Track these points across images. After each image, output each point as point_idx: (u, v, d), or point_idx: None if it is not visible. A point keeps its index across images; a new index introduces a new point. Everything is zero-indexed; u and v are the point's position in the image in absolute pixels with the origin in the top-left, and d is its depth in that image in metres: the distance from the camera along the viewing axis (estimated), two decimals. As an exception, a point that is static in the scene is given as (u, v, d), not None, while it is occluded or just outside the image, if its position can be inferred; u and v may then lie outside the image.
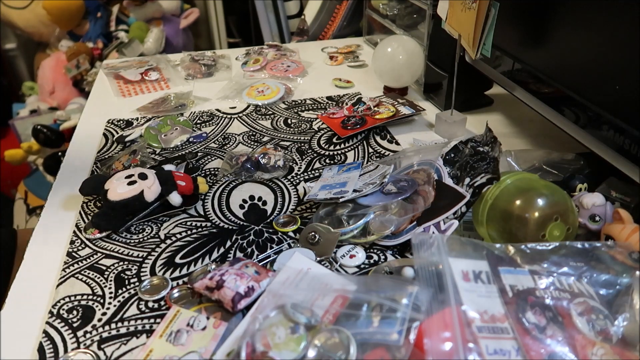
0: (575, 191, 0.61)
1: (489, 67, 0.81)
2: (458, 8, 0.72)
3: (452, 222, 0.57)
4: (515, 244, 0.49)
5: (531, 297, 0.44)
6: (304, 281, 0.50)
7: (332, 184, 0.66)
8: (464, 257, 0.47)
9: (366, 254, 0.59)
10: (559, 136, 0.69)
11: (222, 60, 1.18)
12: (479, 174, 0.59)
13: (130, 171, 0.65)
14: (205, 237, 0.63)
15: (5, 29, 2.04)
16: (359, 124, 0.85)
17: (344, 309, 0.46)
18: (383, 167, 0.67)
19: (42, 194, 1.67)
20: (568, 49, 0.64)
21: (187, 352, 0.45)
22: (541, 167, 0.69)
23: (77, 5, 1.87)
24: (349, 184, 0.65)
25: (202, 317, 0.48)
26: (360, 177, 0.67)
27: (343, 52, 1.22)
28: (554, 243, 0.49)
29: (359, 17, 1.39)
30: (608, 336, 0.42)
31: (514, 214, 0.54)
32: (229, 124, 0.90)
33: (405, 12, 1.09)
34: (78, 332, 0.50)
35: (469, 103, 0.93)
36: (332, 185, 0.66)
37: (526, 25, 0.71)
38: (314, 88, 1.04)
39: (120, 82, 1.09)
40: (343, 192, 0.63)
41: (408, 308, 0.44)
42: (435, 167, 0.64)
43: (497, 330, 0.41)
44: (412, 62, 0.92)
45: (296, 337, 0.43)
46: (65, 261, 0.59)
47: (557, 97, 0.67)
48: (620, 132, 0.57)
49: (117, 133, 0.88)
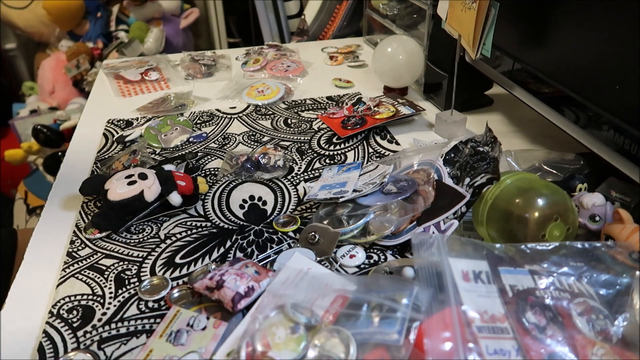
0: (575, 191, 0.61)
1: (489, 67, 0.81)
2: (458, 8, 0.72)
3: (452, 222, 0.57)
4: (515, 244, 0.49)
5: (531, 297, 0.44)
6: (304, 281, 0.50)
7: (332, 184, 0.66)
8: (464, 257, 0.47)
9: (366, 254, 0.59)
10: (559, 136, 0.69)
11: (222, 60, 1.18)
12: (479, 174, 0.59)
13: (130, 171, 0.65)
14: (205, 237, 0.63)
15: (5, 29, 2.04)
16: (359, 124, 0.85)
17: (344, 309, 0.46)
18: (383, 167, 0.67)
19: (42, 194, 1.67)
20: (568, 49, 0.64)
21: (187, 352, 0.45)
22: (541, 167, 0.69)
23: (77, 5, 1.87)
24: (349, 184, 0.65)
25: (202, 317, 0.48)
26: (360, 177, 0.67)
27: (343, 52, 1.22)
28: (554, 243, 0.49)
29: (359, 17, 1.39)
30: (608, 336, 0.42)
31: (514, 214, 0.54)
32: (229, 124, 0.90)
33: (405, 12, 1.09)
34: (78, 332, 0.50)
35: (469, 103, 0.93)
36: (332, 185, 0.66)
37: (526, 25, 0.71)
38: (314, 88, 1.04)
39: (120, 82, 1.09)
40: (343, 192, 0.63)
41: (408, 308, 0.44)
42: (435, 167, 0.64)
43: (497, 330, 0.41)
44: (412, 62, 0.92)
45: (296, 337, 0.43)
46: (65, 261, 0.59)
47: (557, 97, 0.67)
48: (620, 132, 0.57)
49: (117, 133, 0.88)
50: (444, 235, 0.49)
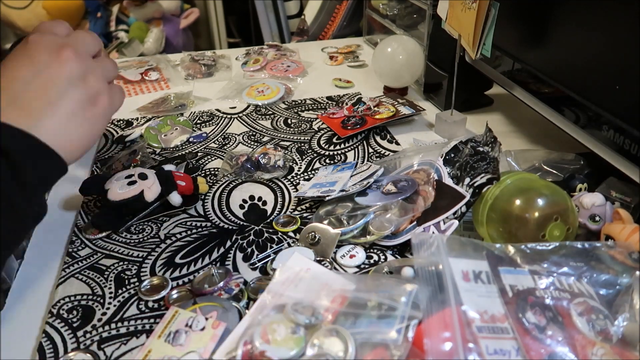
0: (575, 191, 0.61)
1: (489, 67, 0.81)
2: (458, 8, 0.72)
3: (452, 222, 0.57)
4: (516, 244, 0.49)
5: (531, 297, 0.44)
6: (304, 281, 0.50)
7: (323, 183, 0.67)
8: (464, 257, 0.47)
9: (366, 254, 0.59)
10: (559, 136, 0.69)
11: (222, 60, 1.18)
12: (479, 174, 0.59)
13: (130, 171, 0.65)
14: (205, 237, 0.63)
15: (5, 29, 2.04)
16: (359, 124, 0.85)
17: (343, 308, 0.46)
18: (374, 167, 0.67)
19: (42, 194, 1.66)
20: (568, 49, 0.64)
21: (186, 352, 0.45)
22: (541, 167, 0.69)
23: (77, 5, 1.88)
24: (338, 183, 0.65)
25: (201, 317, 0.48)
26: (352, 177, 0.67)
27: (343, 52, 1.22)
28: (554, 243, 0.49)
29: (359, 17, 1.39)
30: (608, 336, 0.42)
31: (514, 214, 0.54)
32: (229, 124, 0.90)
33: (405, 12, 1.09)
34: (78, 332, 0.50)
35: (469, 103, 0.93)
36: (323, 183, 0.67)
37: (526, 25, 0.71)
38: (314, 88, 1.04)
39: (120, 82, 1.09)
40: (330, 190, 0.63)
41: (407, 306, 0.44)
42: (435, 167, 0.64)
43: (497, 330, 0.41)
44: (412, 62, 0.92)
45: (296, 337, 0.43)
46: (65, 261, 0.59)
47: (557, 97, 0.67)
48: (620, 132, 0.57)
49: (117, 133, 0.88)
50: (444, 235, 0.49)
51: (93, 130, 0.54)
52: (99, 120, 0.54)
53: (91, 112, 0.53)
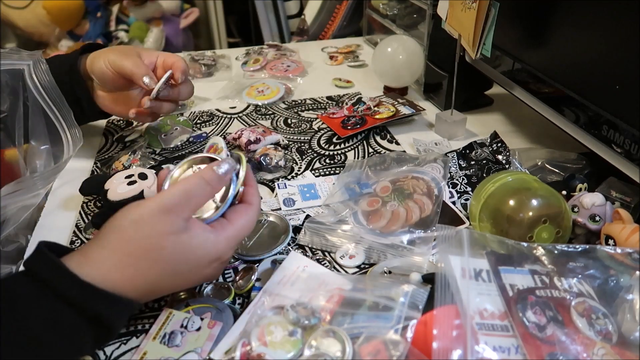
0: (575, 191, 0.61)
1: (489, 67, 0.81)
2: (458, 8, 0.72)
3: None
4: (516, 244, 0.49)
5: (531, 297, 0.44)
6: (300, 280, 0.50)
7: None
8: (465, 255, 0.47)
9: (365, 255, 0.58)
10: (559, 136, 0.69)
11: (222, 60, 1.18)
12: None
13: (130, 171, 0.65)
14: (205, 237, 0.62)
15: (5, 29, 2.04)
16: (359, 123, 0.85)
17: (339, 307, 0.46)
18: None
19: (42, 194, 1.67)
20: (568, 49, 0.64)
21: (183, 353, 0.45)
22: (544, 166, 0.69)
23: (77, 5, 1.87)
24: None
25: (196, 317, 0.48)
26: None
27: (343, 52, 1.21)
28: (555, 244, 0.49)
29: (359, 17, 1.39)
30: (608, 336, 0.42)
31: (505, 213, 0.55)
32: (229, 124, 0.90)
33: (405, 12, 1.09)
34: (78, 331, 0.50)
35: (469, 103, 0.93)
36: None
37: (526, 25, 0.71)
38: (314, 88, 1.04)
39: (120, 82, 1.09)
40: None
41: (404, 306, 0.44)
42: (440, 187, 0.65)
43: (496, 327, 0.41)
44: (412, 62, 0.92)
45: (293, 339, 0.43)
46: (65, 261, 0.59)
47: (557, 97, 0.67)
48: (620, 132, 0.57)
49: (117, 133, 0.88)
50: (458, 230, 0.49)
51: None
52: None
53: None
